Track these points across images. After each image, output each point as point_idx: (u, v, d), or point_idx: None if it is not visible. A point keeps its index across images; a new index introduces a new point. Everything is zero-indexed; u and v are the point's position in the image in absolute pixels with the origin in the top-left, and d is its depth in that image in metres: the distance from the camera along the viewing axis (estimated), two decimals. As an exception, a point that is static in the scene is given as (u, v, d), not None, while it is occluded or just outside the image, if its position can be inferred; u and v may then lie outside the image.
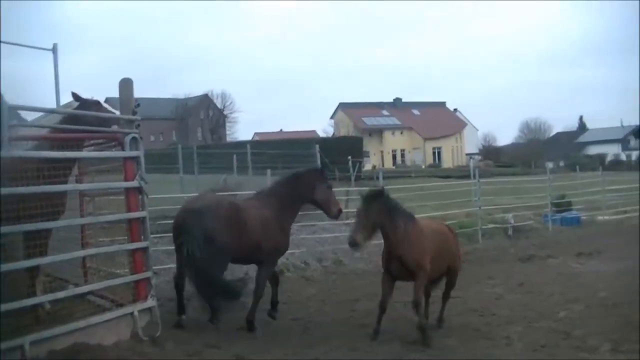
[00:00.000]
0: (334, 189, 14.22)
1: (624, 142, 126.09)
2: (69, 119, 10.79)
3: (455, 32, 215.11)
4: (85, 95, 11.24)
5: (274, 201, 13.43)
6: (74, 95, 11.21)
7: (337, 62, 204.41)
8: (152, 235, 12.53)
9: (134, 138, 10.81)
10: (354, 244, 11.42)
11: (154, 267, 12.88)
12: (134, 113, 10.98)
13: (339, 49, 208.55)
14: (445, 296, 13.47)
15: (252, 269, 15.05)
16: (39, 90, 15.12)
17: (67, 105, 12.28)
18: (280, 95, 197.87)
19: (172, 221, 19.90)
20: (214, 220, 12.13)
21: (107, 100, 13.73)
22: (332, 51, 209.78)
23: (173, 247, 17.28)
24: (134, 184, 10.82)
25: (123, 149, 10.78)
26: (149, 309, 10.91)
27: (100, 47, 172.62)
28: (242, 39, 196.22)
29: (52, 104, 13.81)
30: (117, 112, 11.22)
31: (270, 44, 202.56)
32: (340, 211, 13.99)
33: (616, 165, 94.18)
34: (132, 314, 10.50)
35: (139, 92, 11.58)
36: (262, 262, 13.32)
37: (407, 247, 11.82)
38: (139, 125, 11.09)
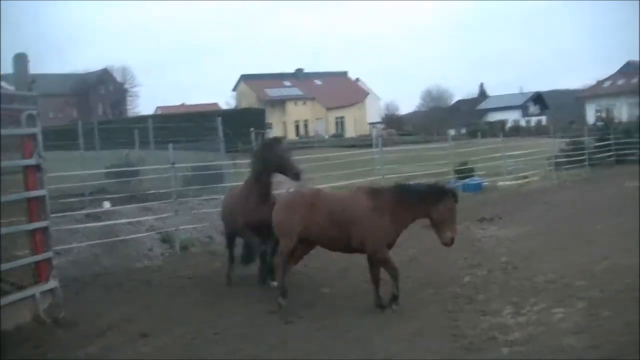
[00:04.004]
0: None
1: (523, 109, 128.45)
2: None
3: (354, 5, 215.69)
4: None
5: None
6: None
7: (238, 33, 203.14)
8: (52, 215, 12.29)
9: (30, 115, 10.54)
10: None
11: (55, 247, 12.66)
12: (30, 89, 10.71)
13: (240, 21, 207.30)
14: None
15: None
16: None
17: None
18: (182, 68, 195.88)
19: (73, 199, 19.70)
20: None
21: (1, 77, 13.40)
22: (232, 23, 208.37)
23: (75, 226, 17.14)
24: (31, 161, 10.58)
25: (19, 126, 10.51)
26: (51, 291, 10.72)
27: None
28: (140, 12, 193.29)
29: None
30: (13, 89, 10.95)
31: (169, 16, 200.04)
32: (298, 173, 13.95)
33: (516, 131, 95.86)
34: (33, 296, 10.29)
35: (35, 68, 11.29)
36: None
37: None
38: (36, 101, 10.83)
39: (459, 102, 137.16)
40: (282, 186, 14.80)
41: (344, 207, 12.32)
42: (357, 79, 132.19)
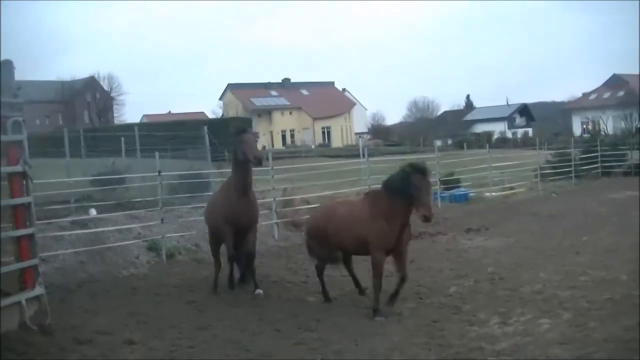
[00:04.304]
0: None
1: (509, 120, 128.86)
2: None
3: (341, 12, 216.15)
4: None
5: None
6: None
7: (225, 42, 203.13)
8: (38, 222, 12.23)
9: (16, 121, 10.49)
10: None
11: (42, 254, 12.61)
12: (16, 96, 10.67)
13: (227, 30, 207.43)
14: None
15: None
16: None
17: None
18: (169, 77, 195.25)
19: (59, 206, 19.58)
20: None
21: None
22: (219, 32, 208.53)
23: (61, 233, 17.04)
24: (17, 168, 10.52)
25: (5, 133, 10.46)
26: (37, 297, 10.66)
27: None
28: (129, 20, 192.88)
29: None
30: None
31: (157, 24, 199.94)
32: (256, 157, 14.10)
33: (502, 142, 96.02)
34: (19, 303, 10.23)
35: (20, 75, 11.25)
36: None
37: None
38: (21, 108, 10.79)
39: (446, 113, 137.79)
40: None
41: (349, 214, 13.03)
42: (344, 89, 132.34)
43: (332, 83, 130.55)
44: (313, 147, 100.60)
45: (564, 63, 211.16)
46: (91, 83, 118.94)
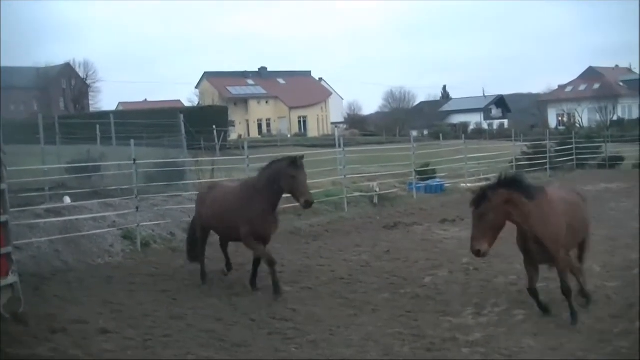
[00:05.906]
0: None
1: (485, 112, 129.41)
2: None
3: (319, 3, 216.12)
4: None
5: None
6: None
7: (203, 31, 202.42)
8: (12, 209, 12.15)
9: (-10, 108, 10.41)
10: (480, 255, 10.43)
11: (16, 242, 12.53)
12: (-9, 82, 10.58)
13: (205, 18, 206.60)
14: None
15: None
16: None
17: None
18: (145, 65, 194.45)
19: (33, 194, 19.46)
20: None
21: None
22: (196, 20, 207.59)
23: (35, 221, 16.93)
24: (-9, 155, 10.43)
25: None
26: (11, 286, 10.58)
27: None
28: (104, 8, 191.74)
29: None
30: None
31: (134, 12, 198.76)
32: (307, 202, 13.11)
33: (478, 134, 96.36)
34: (-7, 291, 10.15)
35: (-5, 61, 11.15)
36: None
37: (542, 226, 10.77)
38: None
39: (422, 103, 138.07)
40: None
41: None
42: (321, 79, 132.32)
43: (309, 72, 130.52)
44: (289, 136, 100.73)
45: (541, 55, 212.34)
46: (67, 70, 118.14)
